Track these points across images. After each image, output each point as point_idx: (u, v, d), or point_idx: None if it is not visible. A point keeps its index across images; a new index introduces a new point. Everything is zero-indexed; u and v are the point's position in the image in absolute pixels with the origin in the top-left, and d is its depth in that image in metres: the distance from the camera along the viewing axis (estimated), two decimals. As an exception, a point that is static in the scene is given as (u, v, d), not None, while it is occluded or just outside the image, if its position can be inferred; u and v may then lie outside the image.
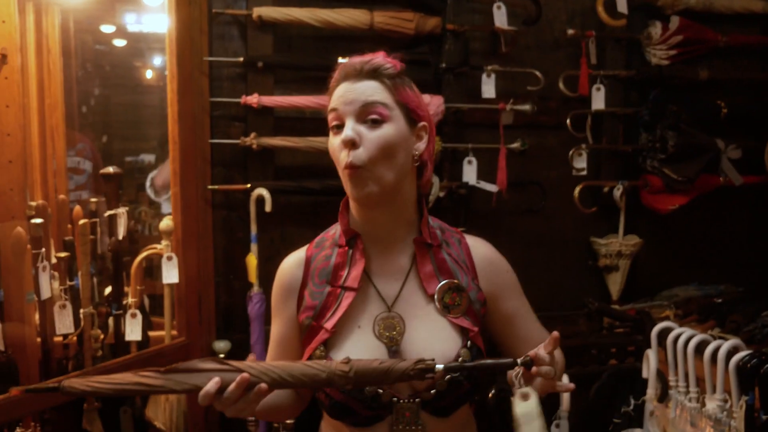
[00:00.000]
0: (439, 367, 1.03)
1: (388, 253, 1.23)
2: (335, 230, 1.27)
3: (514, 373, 1.05)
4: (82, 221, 1.90)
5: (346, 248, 1.23)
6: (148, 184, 3.04)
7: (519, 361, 1.02)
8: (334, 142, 1.16)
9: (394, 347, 1.16)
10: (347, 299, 1.18)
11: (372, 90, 1.14)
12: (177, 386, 1.03)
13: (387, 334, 1.17)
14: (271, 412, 1.27)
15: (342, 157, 1.12)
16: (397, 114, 1.15)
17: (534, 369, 1.02)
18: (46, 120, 2.53)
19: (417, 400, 1.15)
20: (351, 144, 1.11)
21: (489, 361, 1.06)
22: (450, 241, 1.27)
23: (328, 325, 1.18)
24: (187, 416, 2.18)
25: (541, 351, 1.04)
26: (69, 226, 2.33)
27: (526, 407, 0.99)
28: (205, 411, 2.19)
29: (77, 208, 2.33)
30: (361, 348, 1.17)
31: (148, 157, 3.25)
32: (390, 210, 1.21)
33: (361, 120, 1.13)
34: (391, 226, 1.22)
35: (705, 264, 2.73)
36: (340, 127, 1.14)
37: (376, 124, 1.13)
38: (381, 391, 1.14)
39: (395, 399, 1.15)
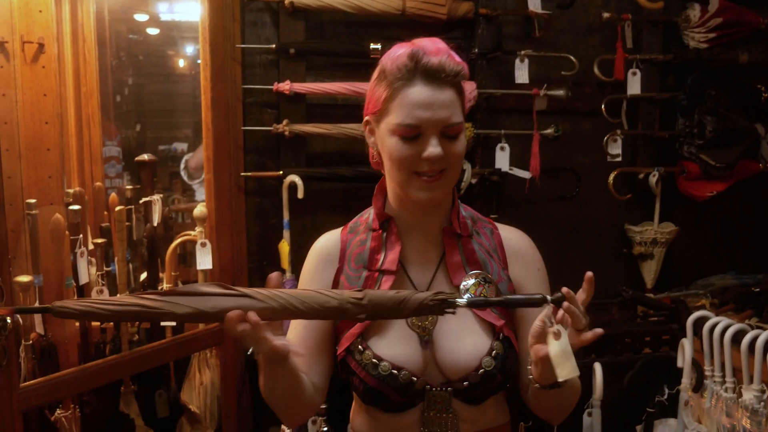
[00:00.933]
0: (462, 300, 0.99)
1: (421, 241, 1.23)
2: (368, 215, 1.27)
3: (544, 313, 1.00)
4: (118, 208, 1.94)
5: (380, 231, 1.23)
6: (182, 166, 3.08)
7: (549, 298, 0.99)
8: (402, 147, 1.11)
9: (426, 337, 1.16)
10: (386, 283, 1.18)
11: (453, 104, 1.12)
12: (177, 309, 0.96)
13: (419, 323, 1.17)
14: (287, 393, 1.15)
15: (423, 167, 1.11)
16: (464, 121, 1.16)
17: (565, 305, 0.99)
18: (82, 108, 2.57)
19: (449, 389, 1.15)
20: (438, 159, 1.10)
21: (517, 296, 1.06)
22: (482, 231, 1.26)
23: None
24: (221, 400, 2.21)
25: (572, 292, 1.03)
26: (105, 213, 2.37)
27: (558, 346, 0.95)
28: (237, 395, 2.22)
29: (113, 195, 2.36)
30: (394, 336, 1.18)
31: (181, 146, 3.28)
32: (438, 205, 1.22)
33: (441, 134, 1.11)
34: (428, 216, 1.22)
35: (743, 252, 2.68)
36: (414, 134, 1.11)
37: (453, 135, 1.12)
38: (415, 379, 1.15)
39: (428, 387, 1.15)
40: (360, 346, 1.18)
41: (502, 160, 2.33)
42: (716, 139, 2.42)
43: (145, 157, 2.15)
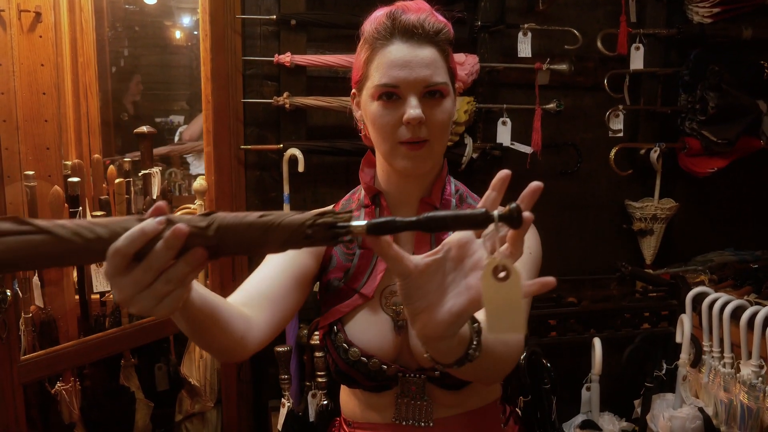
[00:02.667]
0: (359, 224, 0.67)
1: (407, 214, 1.18)
2: (360, 191, 1.23)
3: (486, 233, 0.73)
4: (117, 180, 1.92)
5: (373, 207, 1.18)
6: (176, 138, 3.06)
7: (496, 213, 0.65)
8: (383, 112, 1.05)
9: (400, 322, 1.13)
10: (382, 263, 1.14)
11: (434, 63, 1.05)
12: None
13: (393, 307, 1.14)
14: (206, 324, 0.88)
15: (401, 133, 1.06)
16: (450, 85, 1.09)
17: (520, 224, 0.66)
18: (79, 78, 2.53)
19: (423, 376, 1.13)
20: (418, 122, 1.04)
21: (444, 213, 0.66)
22: None
23: (367, 290, 1.15)
24: (221, 374, 2.21)
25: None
26: (104, 185, 2.35)
27: (507, 290, 0.65)
28: (237, 369, 2.22)
29: (112, 167, 2.34)
30: (369, 320, 1.15)
31: (177, 118, 3.25)
32: (422, 177, 1.16)
33: (422, 94, 1.05)
34: (415, 188, 1.17)
35: (742, 229, 2.68)
36: (392, 96, 1.05)
37: (436, 98, 1.06)
38: (385, 366, 1.13)
39: (402, 373, 1.13)
40: (335, 327, 1.16)
41: (504, 134, 2.32)
42: (718, 115, 2.41)
43: (144, 129, 2.12)
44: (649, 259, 2.53)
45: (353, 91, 1.16)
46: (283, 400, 2.07)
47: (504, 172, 0.74)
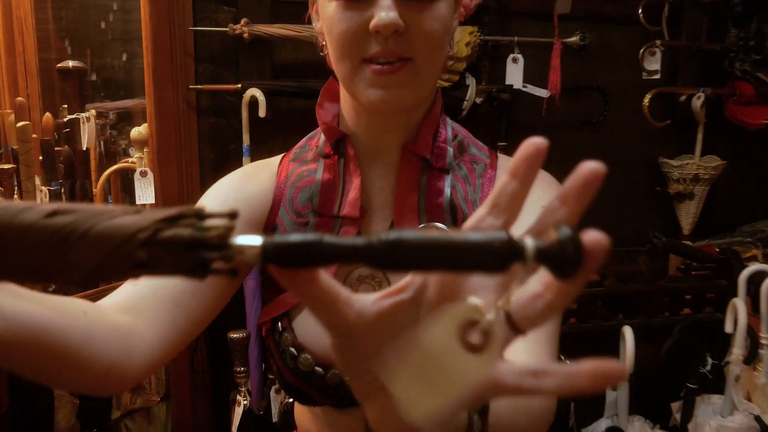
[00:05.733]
0: (245, 243, 0.35)
1: (383, 171, 0.84)
2: (320, 135, 0.87)
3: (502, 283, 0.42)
4: (20, 124, 1.52)
5: (336, 158, 0.83)
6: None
7: (530, 244, 0.35)
8: (342, 16, 0.73)
9: None
10: (347, 234, 0.80)
11: None
12: None
13: None
14: (31, 356, 0.54)
15: (371, 48, 0.72)
16: None
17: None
18: (12, 11, 2.15)
19: None
20: (392, 31, 0.70)
21: (421, 237, 0.36)
22: (467, 167, 0.85)
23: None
24: (169, 363, 1.85)
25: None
26: (33, 135, 1.97)
27: (465, 364, 0.38)
28: (190, 356, 1.86)
29: (48, 115, 1.95)
30: None
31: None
32: (405, 115, 0.81)
33: None
34: (395, 130, 0.83)
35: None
36: None
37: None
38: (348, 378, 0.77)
39: None
40: (280, 324, 0.81)
41: (515, 74, 1.90)
42: (777, 54, 2.00)
43: (69, 64, 1.72)
44: (687, 228, 2.12)
45: None
46: (239, 397, 1.71)
47: (534, 144, 0.40)
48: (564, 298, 0.38)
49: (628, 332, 1.67)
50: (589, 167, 0.38)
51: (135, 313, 0.68)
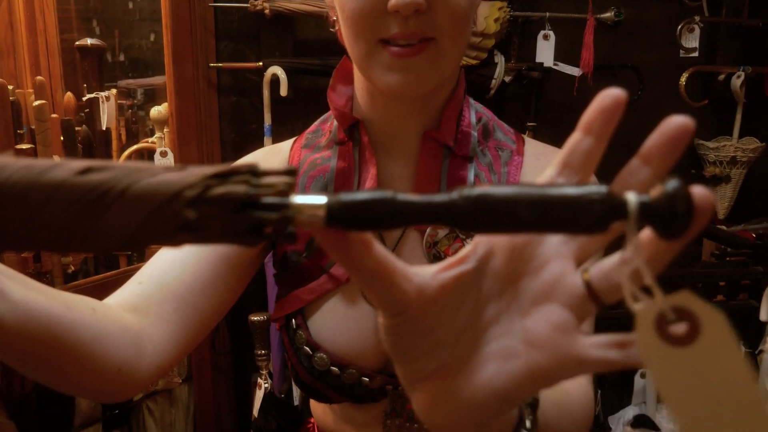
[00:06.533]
0: (308, 201, 0.31)
1: (401, 158, 0.79)
2: (333, 119, 0.81)
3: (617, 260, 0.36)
4: (36, 103, 1.49)
5: (351, 144, 0.78)
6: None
7: (634, 198, 0.31)
8: None
9: None
10: None
11: None
12: None
13: None
14: (39, 356, 0.53)
15: (385, 27, 0.66)
16: None
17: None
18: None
19: None
20: (413, 10, 0.64)
21: (513, 190, 0.31)
22: (492, 153, 0.79)
23: (340, 270, 0.76)
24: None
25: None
26: (54, 115, 1.95)
27: (703, 364, 0.31)
28: (211, 337, 1.84)
29: (69, 94, 1.93)
30: (344, 313, 0.76)
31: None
32: (426, 99, 0.75)
33: None
34: (415, 116, 0.77)
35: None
36: None
37: None
38: (367, 379, 0.75)
39: (390, 386, 0.76)
40: (294, 321, 0.77)
41: (546, 52, 1.83)
42: (823, 30, 1.89)
43: (88, 41, 1.69)
44: (722, 212, 2.05)
45: None
46: (260, 380, 1.69)
47: (613, 96, 0.36)
48: (658, 263, 0.34)
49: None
50: (678, 121, 0.33)
51: (142, 313, 0.65)
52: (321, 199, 0.31)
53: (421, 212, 0.31)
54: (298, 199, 0.31)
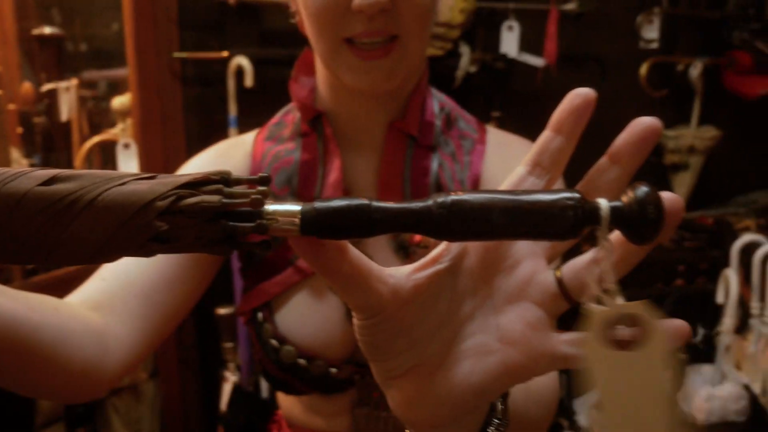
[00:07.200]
0: (282, 208, 0.31)
1: (366, 151, 0.79)
2: (296, 111, 0.81)
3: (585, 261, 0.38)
4: (-5, 93, 1.45)
5: (315, 136, 0.77)
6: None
7: (604, 204, 0.32)
8: None
9: None
10: None
11: None
12: None
13: None
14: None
15: (349, 26, 0.65)
16: None
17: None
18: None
19: None
20: (378, 10, 0.64)
21: (485, 197, 0.32)
22: (454, 142, 0.80)
23: (305, 263, 0.75)
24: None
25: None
26: (11, 106, 1.90)
27: (640, 371, 0.32)
28: (177, 331, 1.82)
29: (27, 84, 1.88)
30: (311, 305, 0.76)
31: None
32: (391, 93, 0.76)
33: None
34: (379, 108, 0.77)
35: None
36: None
37: None
38: (335, 369, 0.75)
39: (358, 375, 0.76)
40: (260, 315, 0.76)
41: (510, 42, 1.84)
42: (777, 22, 1.95)
43: (46, 30, 1.65)
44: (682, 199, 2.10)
45: None
46: (227, 373, 1.68)
47: (582, 95, 0.37)
48: (626, 265, 0.36)
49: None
50: (646, 122, 0.35)
51: (106, 311, 0.64)
52: (295, 208, 0.31)
53: (397, 220, 0.32)
54: (273, 207, 0.31)
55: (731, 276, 1.66)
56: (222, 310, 1.62)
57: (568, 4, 1.87)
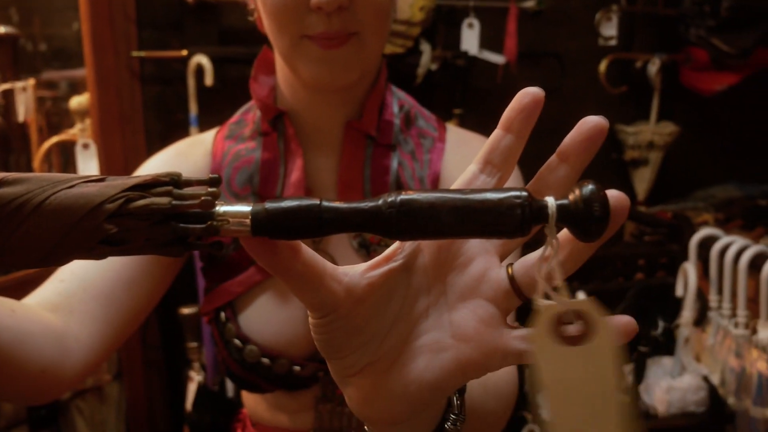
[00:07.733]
0: (232, 209, 0.32)
1: (326, 149, 0.80)
2: (256, 109, 0.81)
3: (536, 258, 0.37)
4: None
5: (275, 136, 0.78)
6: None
7: (551, 202, 0.33)
8: None
9: None
10: None
11: None
12: None
13: None
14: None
15: (313, 26, 0.66)
16: None
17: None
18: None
19: None
20: (336, 8, 0.65)
21: (433, 195, 0.33)
22: (414, 141, 0.81)
23: None
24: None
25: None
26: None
27: (587, 365, 0.33)
28: (142, 332, 1.81)
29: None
30: (274, 304, 0.76)
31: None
32: (349, 90, 0.77)
33: None
34: (337, 106, 0.78)
35: (750, 160, 2.28)
36: None
37: None
38: (298, 367, 0.75)
39: (322, 372, 0.77)
40: (223, 314, 0.76)
41: (470, 40, 1.86)
42: (732, 19, 1.97)
43: (1, 29, 1.62)
44: (642, 194, 2.13)
45: None
46: (192, 373, 1.67)
47: (531, 94, 0.38)
48: (575, 261, 0.36)
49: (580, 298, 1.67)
50: (593, 121, 0.36)
51: (65, 312, 0.64)
52: (246, 209, 0.31)
53: (347, 220, 0.32)
54: (224, 209, 0.31)
55: (690, 269, 1.69)
56: (186, 310, 1.61)
57: (527, 2, 1.88)
